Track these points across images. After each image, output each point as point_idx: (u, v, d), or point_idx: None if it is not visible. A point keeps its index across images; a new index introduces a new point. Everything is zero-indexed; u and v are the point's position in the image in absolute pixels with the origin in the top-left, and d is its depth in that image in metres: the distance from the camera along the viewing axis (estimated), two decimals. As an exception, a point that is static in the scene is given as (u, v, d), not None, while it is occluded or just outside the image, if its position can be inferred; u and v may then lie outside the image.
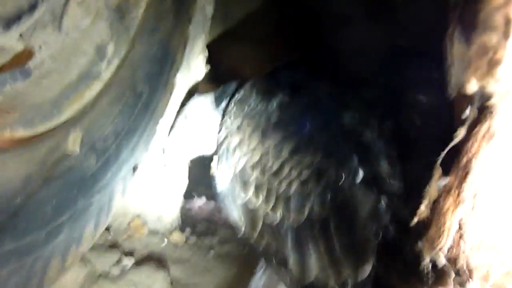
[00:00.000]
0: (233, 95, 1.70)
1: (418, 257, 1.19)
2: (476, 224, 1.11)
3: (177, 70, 1.74)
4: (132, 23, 1.50)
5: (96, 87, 1.43)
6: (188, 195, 2.28)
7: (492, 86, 0.90)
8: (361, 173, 1.33)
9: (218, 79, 2.15)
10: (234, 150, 1.55)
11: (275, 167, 1.43)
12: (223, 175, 1.60)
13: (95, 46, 1.43)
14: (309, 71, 1.67)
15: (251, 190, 1.47)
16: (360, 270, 1.24)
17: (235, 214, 1.56)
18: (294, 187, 1.39)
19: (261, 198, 1.44)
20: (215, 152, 1.67)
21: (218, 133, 1.68)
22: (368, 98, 1.55)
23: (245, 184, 1.50)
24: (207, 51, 2.16)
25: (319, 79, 1.61)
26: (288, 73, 1.67)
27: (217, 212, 2.56)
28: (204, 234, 2.25)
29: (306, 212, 1.34)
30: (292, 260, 1.36)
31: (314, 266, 1.32)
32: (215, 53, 2.19)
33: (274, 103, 1.52)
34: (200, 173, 2.45)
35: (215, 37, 2.42)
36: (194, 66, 2.06)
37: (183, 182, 2.15)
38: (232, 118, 1.62)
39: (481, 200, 1.09)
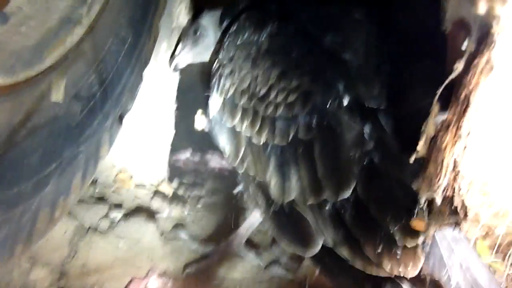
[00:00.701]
0: (231, 22, 1.73)
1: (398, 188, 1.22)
2: (468, 164, 1.10)
3: (160, 15, 1.69)
4: (112, -32, 1.43)
5: (77, 33, 1.38)
6: (174, 148, 2.25)
7: (500, 6, 0.86)
8: (346, 99, 1.34)
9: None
10: (226, 78, 1.59)
11: (262, 92, 1.46)
12: (214, 102, 1.63)
13: (74, -10, 1.36)
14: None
15: (239, 114, 1.51)
16: (341, 193, 1.25)
17: (223, 138, 1.59)
18: (280, 110, 1.41)
19: (247, 121, 1.48)
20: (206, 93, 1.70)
21: (213, 65, 1.71)
22: (357, 19, 1.57)
23: (233, 109, 1.54)
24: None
25: (308, 6, 1.61)
26: (279, 2, 1.67)
27: (204, 164, 2.54)
28: (192, 185, 2.23)
29: (291, 135, 1.36)
30: (273, 181, 1.39)
31: (294, 186, 1.34)
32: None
33: (264, 34, 1.54)
34: (186, 127, 2.42)
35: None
36: (177, 15, 2.00)
37: (170, 133, 2.11)
38: (225, 50, 1.65)
39: (473, 139, 1.07)
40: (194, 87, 2.59)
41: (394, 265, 1.17)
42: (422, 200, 1.18)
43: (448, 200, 1.15)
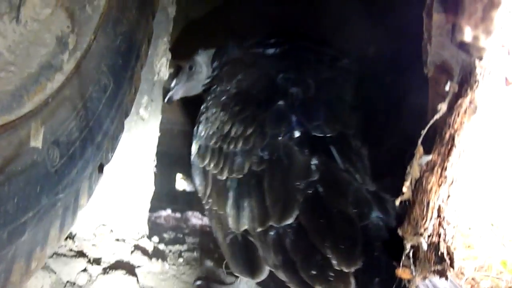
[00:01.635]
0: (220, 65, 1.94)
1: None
2: (452, 214, 1.09)
3: (142, 65, 1.69)
4: (95, 13, 1.44)
5: (58, 79, 1.37)
6: (156, 206, 2.23)
7: (486, 37, 0.87)
8: (298, 131, 1.45)
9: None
10: (201, 124, 1.74)
11: (226, 130, 1.59)
12: (193, 147, 1.77)
13: (56, 37, 1.36)
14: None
15: (208, 155, 1.64)
16: (283, 219, 1.34)
17: (197, 179, 1.71)
18: (239, 144, 1.53)
19: (214, 160, 1.60)
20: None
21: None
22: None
23: (205, 151, 1.67)
24: (170, 54, 2.12)
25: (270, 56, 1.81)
26: (251, 55, 1.85)
27: (185, 221, 2.51)
28: (172, 242, 2.19)
29: (246, 168, 1.47)
30: (231, 213, 1.49)
31: (247, 216, 1.44)
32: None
33: (233, 82, 1.72)
34: (167, 186, 2.41)
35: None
36: (158, 68, 2.02)
37: (149, 189, 2.10)
38: (205, 102, 1.83)
39: (457, 187, 1.06)
40: (175, 147, 2.61)
41: (327, 287, 1.22)
42: (408, 246, 1.17)
43: (434, 246, 1.13)
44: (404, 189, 1.15)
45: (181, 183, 3.05)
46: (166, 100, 2.08)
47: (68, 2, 1.39)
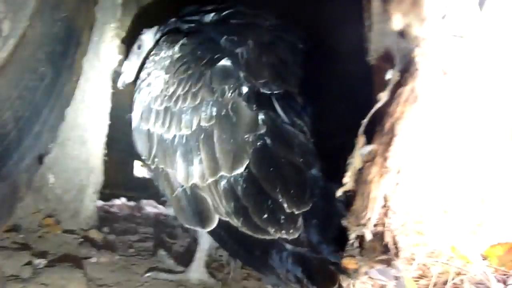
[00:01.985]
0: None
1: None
2: (401, 201, 1.07)
3: (84, 53, 1.63)
4: (31, -2, 1.38)
5: (-9, 68, 1.30)
6: (108, 196, 2.19)
7: (419, 25, 0.85)
8: (244, 89, 1.51)
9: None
10: (143, 90, 1.76)
11: (171, 90, 1.64)
12: (135, 113, 1.78)
13: (-12, 23, 1.30)
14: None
15: (153, 117, 1.67)
16: (235, 169, 1.43)
17: (141, 142, 1.75)
18: (187, 102, 1.58)
19: (159, 122, 1.65)
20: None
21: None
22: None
23: (148, 114, 1.70)
24: (118, 40, 2.07)
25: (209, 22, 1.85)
26: (189, 22, 1.89)
27: (139, 209, 2.47)
28: (123, 232, 2.15)
29: (195, 124, 1.53)
30: (179, 168, 1.55)
31: (196, 169, 1.51)
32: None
33: (176, 47, 1.73)
34: (122, 174, 2.36)
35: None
36: (105, 54, 1.96)
37: (99, 178, 2.05)
38: (144, 69, 1.82)
39: (405, 175, 1.04)
40: (129, 134, 2.56)
41: (278, 229, 1.33)
42: (352, 236, 1.16)
43: (379, 236, 1.12)
44: (346, 180, 1.13)
45: (139, 170, 3.01)
46: (119, 84, 2.03)
47: (1, -14, 1.33)
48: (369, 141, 1.08)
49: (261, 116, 1.46)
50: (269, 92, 1.52)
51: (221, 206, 1.47)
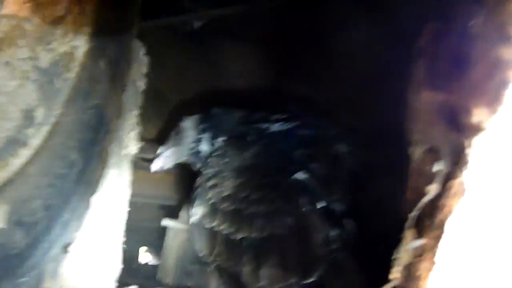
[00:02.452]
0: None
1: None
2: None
3: (112, 140, 1.62)
4: (64, 86, 1.38)
5: (23, 155, 1.29)
6: (120, 283, 2.11)
7: (491, 117, 0.83)
8: (319, 204, 1.64)
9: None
10: (209, 190, 1.84)
11: (243, 194, 1.72)
12: (197, 210, 1.86)
13: (22, 110, 1.30)
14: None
15: (219, 217, 1.75)
16: (307, 278, 1.51)
17: (201, 239, 1.81)
18: (260, 207, 1.66)
19: (227, 222, 1.72)
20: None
21: (197, 181, 1.96)
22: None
23: (214, 214, 1.77)
24: (139, 127, 2.07)
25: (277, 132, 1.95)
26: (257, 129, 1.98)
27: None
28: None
29: (268, 231, 1.62)
30: (246, 269, 1.61)
31: (266, 272, 1.57)
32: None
33: (247, 154, 1.85)
34: (131, 262, 2.32)
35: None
36: (126, 142, 1.95)
37: (116, 267, 1.98)
38: (210, 169, 1.91)
39: (456, 271, 1.00)
40: (138, 221, 2.54)
41: None
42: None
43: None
44: (394, 275, 1.09)
45: (145, 256, 2.95)
46: (155, 167, 2.13)
47: (36, 74, 1.33)
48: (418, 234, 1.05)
49: (333, 232, 1.58)
50: (340, 209, 1.65)
51: None
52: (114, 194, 1.89)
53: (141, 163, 2.44)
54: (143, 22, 2.09)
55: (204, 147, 2.07)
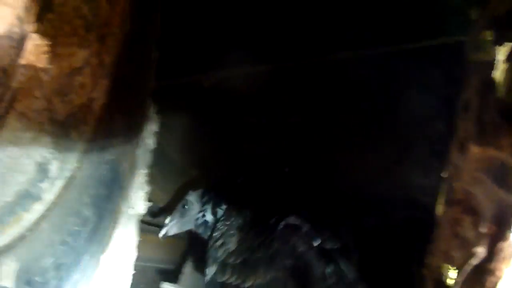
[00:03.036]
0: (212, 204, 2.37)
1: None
2: None
3: (125, 197, 1.56)
4: (81, 139, 1.33)
5: (36, 210, 1.23)
6: None
7: None
8: (312, 243, 1.80)
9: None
10: (218, 249, 2.05)
11: (246, 245, 1.93)
12: (209, 270, 2.05)
13: (36, 164, 1.24)
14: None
15: (229, 270, 1.94)
16: None
17: None
18: (261, 252, 1.84)
19: (235, 275, 1.90)
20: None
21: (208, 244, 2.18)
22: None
23: (224, 268, 1.96)
24: (147, 187, 2.01)
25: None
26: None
27: None
28: None
29: (270, 275, 1.78)
30: None
31: None
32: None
33: (244, 212, 2.11)
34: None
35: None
36: (134, 201, 1.89)
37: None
38: (217, 232, 2.15)
39: None
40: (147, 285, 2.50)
41: None
42: None
43: None
44: None
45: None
46: (161, 234, 2.35)
47: (51, 126, 1.28)
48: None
49: (328, 269, 1.73)
50: (331, 247, 1.82)
51: None
52: (120, 255, 1.81)
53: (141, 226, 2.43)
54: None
55: (209, 217, 2.33)
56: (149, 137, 1.98)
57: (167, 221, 2.38)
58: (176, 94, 2.41)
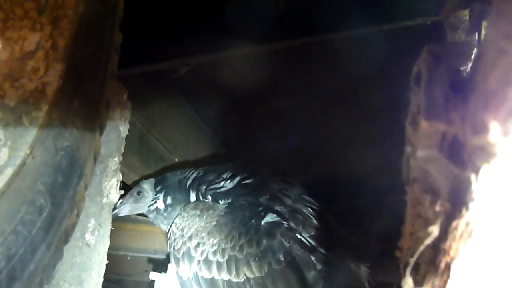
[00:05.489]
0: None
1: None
2: None
3: (86, 185, 1.51)
4: (32, 125, 1.28)
5: (-17, 200, 1.17)
6: None
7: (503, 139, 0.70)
8: (295, 236, 1.97)
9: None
10: (195, 249, 2.06)
11: (233, 243, 1.98)
12: (186, 269, 2.07)
13: (-16, 150, 1.19)
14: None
15: (215, 266, 1.98)
16: None
17: None
18: (252, 248, 1.94)
19: (224, 270, 1.97)
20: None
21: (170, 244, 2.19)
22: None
23: (209, 265, 2.00)
24: (121, 175, 1.97)
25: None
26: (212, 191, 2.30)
27: None
28: None
29: (266, 268, 1.90)
30: None
31: None
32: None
33: (218, 211, 2.13)
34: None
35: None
36: (107, 189, 1.85)
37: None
38: (182, 232, 2.15)
39: None
40: (125, 274, 2.48)
41: None
42: None
43: None
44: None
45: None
46: (112, 214, 2.16)
47: (1, 112, 1.23)
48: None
49: (313, 257, 1.93)
50: (308, 236, 2.00)
51: None
52: (93, 244, 1.77)
53: (131, 216, 2.45)
54: (127, 68, 2.04)
55: (160, 204, 2.38)
56: (122, 124, 1.93)
57: (118, 203, 2.34)
58: (153, 80, 2.36)
